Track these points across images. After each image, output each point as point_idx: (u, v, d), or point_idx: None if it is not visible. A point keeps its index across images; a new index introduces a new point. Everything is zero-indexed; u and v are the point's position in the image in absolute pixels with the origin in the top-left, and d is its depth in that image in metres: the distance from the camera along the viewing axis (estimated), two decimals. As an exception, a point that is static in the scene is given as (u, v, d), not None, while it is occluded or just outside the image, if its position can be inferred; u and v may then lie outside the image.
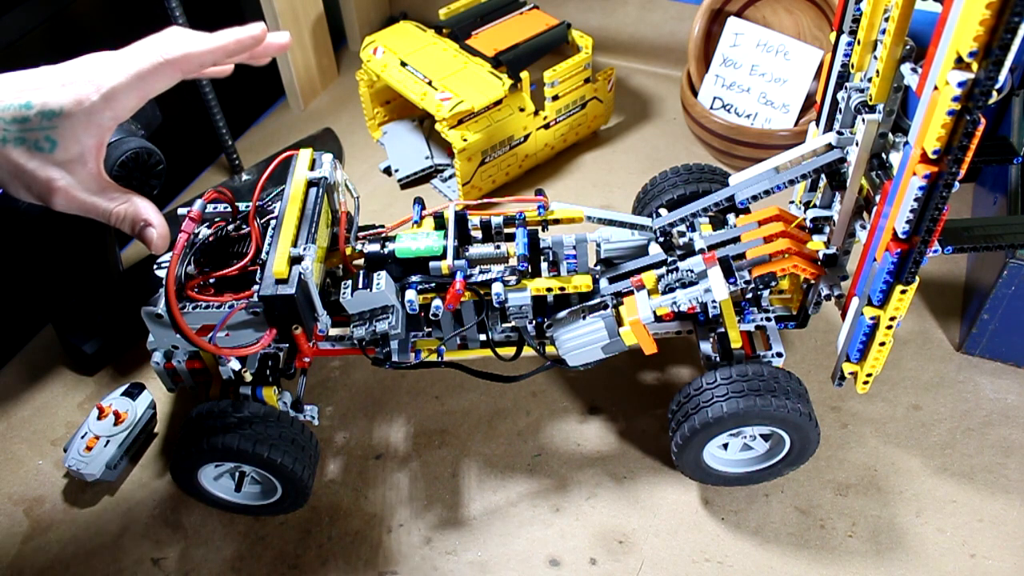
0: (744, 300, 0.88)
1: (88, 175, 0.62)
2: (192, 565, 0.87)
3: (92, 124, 0.60)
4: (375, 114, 1.39)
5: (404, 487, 0.93)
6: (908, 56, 0.65)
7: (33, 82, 0.60)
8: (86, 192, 0.62)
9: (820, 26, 1.26)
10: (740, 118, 1.28)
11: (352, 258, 0.83)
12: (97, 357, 1.05)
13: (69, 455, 0.92)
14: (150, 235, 0.66)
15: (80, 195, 0.62)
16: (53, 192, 0.61)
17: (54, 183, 0.60)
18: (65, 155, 0.60)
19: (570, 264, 0.87)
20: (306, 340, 0.75)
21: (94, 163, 0.62)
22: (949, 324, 1.05)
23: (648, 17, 1.51)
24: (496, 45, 1.27)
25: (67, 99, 0.59)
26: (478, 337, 0.89)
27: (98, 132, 0.61)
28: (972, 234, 0.71)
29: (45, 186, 0.60)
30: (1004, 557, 0.84)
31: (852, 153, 0.72)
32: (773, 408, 0.77)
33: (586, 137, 1.38)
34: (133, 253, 1.23)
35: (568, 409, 1.00)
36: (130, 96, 0.62)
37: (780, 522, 0.88)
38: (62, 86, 0.60)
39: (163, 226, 0.67)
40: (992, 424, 0.95)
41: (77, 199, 0.62)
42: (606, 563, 0.86)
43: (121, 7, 1.24)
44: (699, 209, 0.80)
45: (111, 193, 0.64)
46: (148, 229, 0.66)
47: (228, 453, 0.80)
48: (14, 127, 0.58)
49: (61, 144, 0.60)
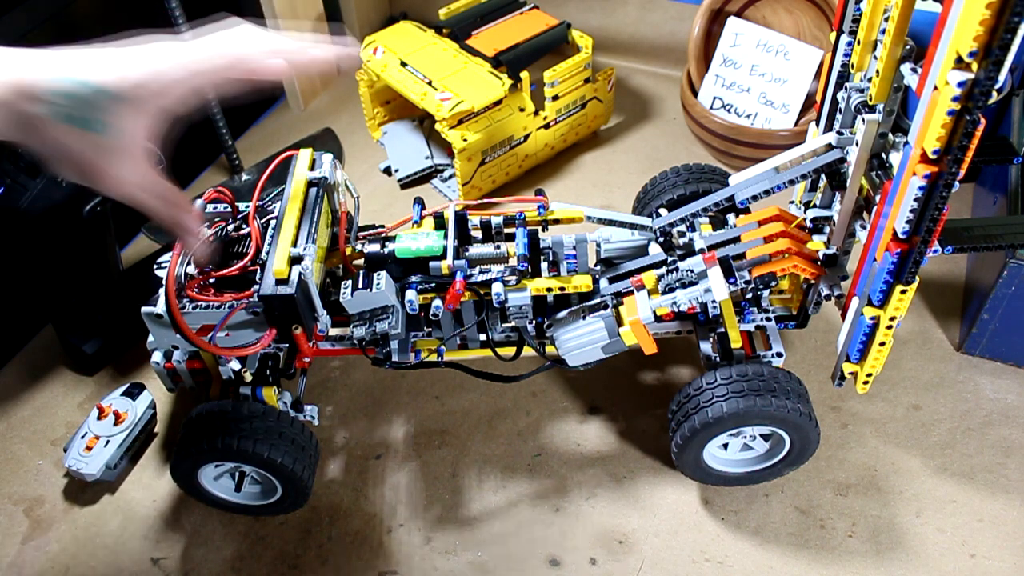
0: (744, 300, 0.88)
1: (135, 162, 0.60)
2: (192, 565, 0.87)
3: (144, 110, 0.59)
4: (375, 114, 1.39)
5: (404, 487, 0.93)
6: (908, 56, 0.65)
7: (90, 60, 0.58)
8: (133, 180, 0.61)
9: (820, 26, 1.26)
10: (740, 118, 1.28)
11: (352, 258, 0.83)
12: (97, 357, 1.05)
13: (69, 455, 0.92)
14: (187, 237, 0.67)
15: (127, 182, 0.60)
16: (101, 175, 0.59)
17: (102, 166, 0.59)
18: (115, 139, 0.58)
19: (570, 264, 0.87)
20: (306, 340, 0.75)
21: (142, 150, 0.61)
22: (949, 324, 1.05)
23: (648, 17, 1.51)
24: (496, 45, 1.27)
25: (123, 82, 0.57)
26: (478, 337, 0.89)
27: (149, 117, 0.59)
28: (972, 234, 0.70)
29: (93, 168, 0.59)
30: (1004, 557, 0.84)
31: (852, 153, 0.72)
32: (773, 408, 0.77)
33: (586, 137, 1.38)
34: (133, 253, 1.23)
35: (568, 409, 1.00)
36: (186, 89, 0.60)
37: (780, 522, 0.88)
38: (118, 68, 0.58)
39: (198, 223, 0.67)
40: (992, 424, 0.95)
41: (123, 187, 0.61)
42: (606, 563, 0.86)
43: (121, 7, 1.24)
44: (699, 209, 0.80)
45: (157, 184, 0.63)
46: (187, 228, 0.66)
47: (228, 453, 0.80)
48: (66, 103, 0.56)
49: (113, 127, 0.58)
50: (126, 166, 0.60)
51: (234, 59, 0.62)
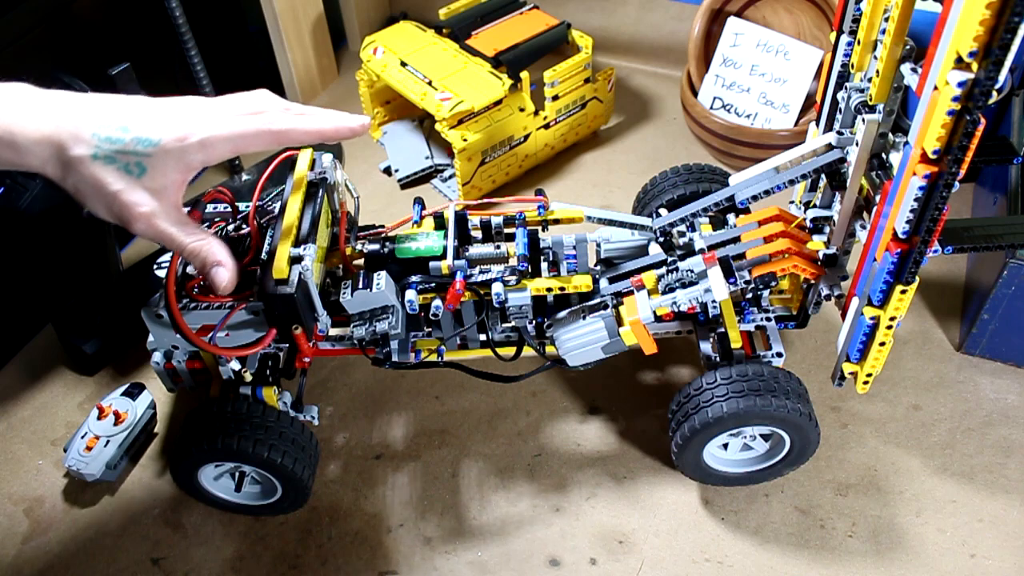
0: (744, 300, 0.88)
1: (169, 206, 0.64)
2: (192, 565, 0.87)
3: (183, 162, 0.63)
4: (375, 114, 1.39)
5: (404, 487, 0.93)
6: (908, 56, 0.65)
7: (135, 109, 0.62)
8: (166, 222, 0.64)
9: (820, 26, 1.26)
10: (740, 118, 1.28)
11: (352, 258, 0.83)
12: (97, 357, 1.05)
13: (69, 455, 0.92)
14: (220, 276, 0.68)
15: (160, 224, 0.64)
16: (135, 217, 0.62)
17: (137, 208, 0.62)
18: (151, 183, 0.62)
19: (570, 264, 0.87)
20: (306, 340, 0.75)
21: (176, 196, 0.65)
22: (949, 324, 1.05)
23: (648, 17, 1.51)
24: (496, 45, 1.27)
25: (167, 133, 0.62)
26: (478, 337, 0.89)
27: (185, 169, 0.64)
28: (972, 234, 0.70)
29: (127, 209, 0.62)
30: (1004, 557, 0.84)
31: (852, 153, 0.72)
32: (773, 408, 0.77)
33: (586, 137, 1.38)
34: (133, 253, 1.23)
35: (568, 409, 1.00)
36: (225, 149, 0.65)
37: (780, 522, 0.88)
38: (163, 120, 0.62)
39: (234, 269, 0.69)
40: (992, 424, 0.95)
41: (156, 227, 0.64)
42: (606, 563, 0.86)
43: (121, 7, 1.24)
44: (699, 209, 0.80)
45: (188, 228, 0.66)
46: (219, 269, 0.68)
47: (228, 453, 0.80)
48: (108, 146, 0.60)
49: (150, 172, 0.62)
50: (159, 208, 0.63)
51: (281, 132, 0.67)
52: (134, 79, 0.97)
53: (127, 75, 0.97)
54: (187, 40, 1.18)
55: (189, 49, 1.19)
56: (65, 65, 1.06)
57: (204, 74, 1.22)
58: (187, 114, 0.64)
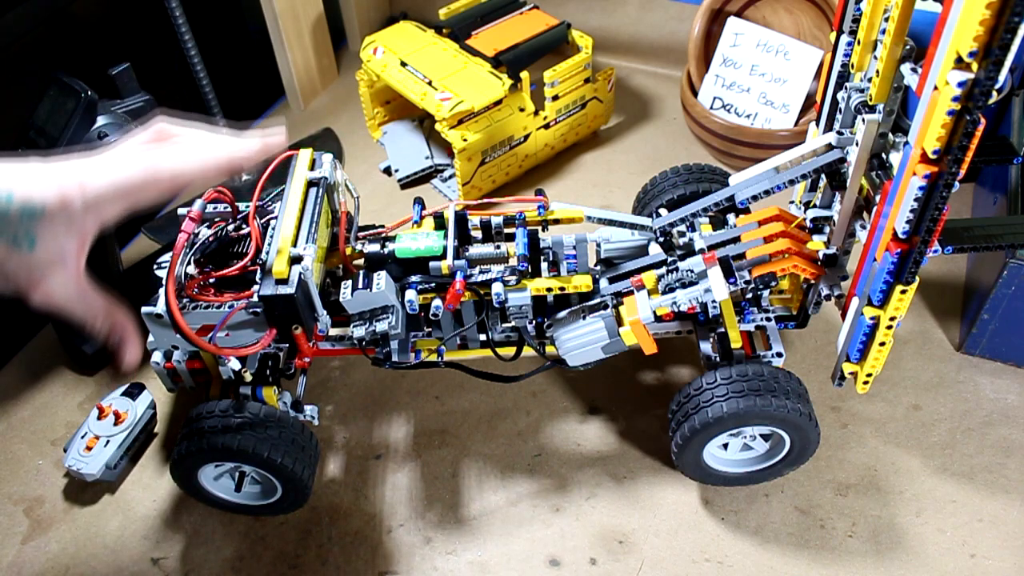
0: (744, 300, 0.88)
1: (68, 277, 0.60)
2: (192, 565, 0.87)
3: (74, 227, 0.58)
4: (375, 114, 1.39)
5: (404, 487, 0.93)
6: (908, 56, 0.65)
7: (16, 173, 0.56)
8: (64, 294, 0.60)
9: (820, 26, 1.26)
10: (740, 118, 1.28)
11: (352, 258, 0.83)
12: (97, 357, 1.05)
13: (69, 455, 0.92)
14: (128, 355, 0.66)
15: (58, 296, 0.60)
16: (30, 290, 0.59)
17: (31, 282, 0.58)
18: (45, 255, 0.57)
19: (570, 264, 0.87)
20: (306, 340, 0.75)
21: (74, 264, 0.59)
22: (949, 324, 1.05)
23: (648, 17, 1.51)
24: (496, 45, 1.27)
25: (51, 197, 0.56)
26: (478, 337, 0.89)
27: (80, 235, 0.59)
28: (972, 234, 0.70)
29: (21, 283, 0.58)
30: (1004, 557, 0.84)
31: (852, 153, 0.72)
32: (773, 408, 0.77)
33: (586, 137, 1.38)
34: (133, 253, 1.23)
35: (568, 409, 1.00)
36: (115, 205, 0.59)
37: (780, 522, 0.88)
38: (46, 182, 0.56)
39: (138, 346, 0.66)
40: (992, 424, 0.95)
41: (54, 300, 0.60)
42: (606, 563, 0.86)
43: (121, 7, 1.24)
44: (699, 209, 0.80)
45: (90, 298, 0.62)
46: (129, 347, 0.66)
47: (228, 453, 0.80)
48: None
49: (41, 243, 0.57)
50: (56, 280, 0.59)
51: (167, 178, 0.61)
52: (134, 79, 0.98)
53: (127, 75, 0.97)
54: (187, 40, 1.18)
55: (189, 49, 1.19)
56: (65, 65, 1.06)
57: (204, 74, 1.23)
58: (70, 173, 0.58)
